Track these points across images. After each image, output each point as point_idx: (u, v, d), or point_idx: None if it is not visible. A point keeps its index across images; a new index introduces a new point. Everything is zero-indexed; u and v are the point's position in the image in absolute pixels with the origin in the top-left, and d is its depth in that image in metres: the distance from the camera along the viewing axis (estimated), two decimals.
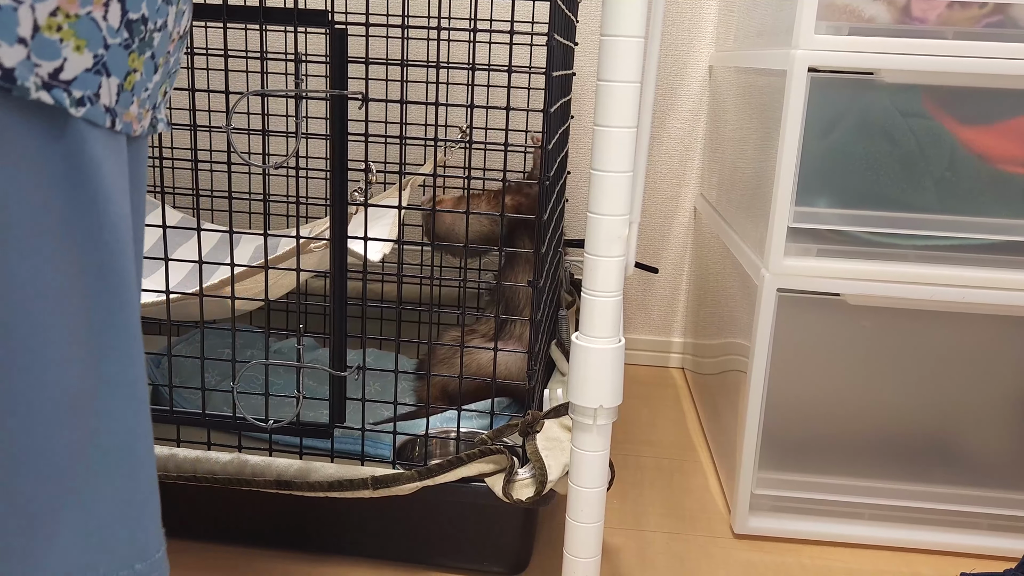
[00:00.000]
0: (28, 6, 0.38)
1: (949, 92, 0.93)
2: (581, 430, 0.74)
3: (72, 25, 0.40)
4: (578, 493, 0.75)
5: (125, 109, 0.46)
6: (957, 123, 0.94)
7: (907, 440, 1.03)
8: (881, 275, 0.96)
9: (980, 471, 1.03)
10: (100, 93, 0.43)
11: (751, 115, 1.14)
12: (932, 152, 0.94)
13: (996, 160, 0.95)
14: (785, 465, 1.05)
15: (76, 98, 0.42)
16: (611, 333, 0.70)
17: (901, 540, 1.04)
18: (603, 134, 0.65)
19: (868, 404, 1.02)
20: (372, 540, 0.96)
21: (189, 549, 0.97)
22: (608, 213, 0.66)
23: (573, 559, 0.76)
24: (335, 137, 0.87)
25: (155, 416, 0.96)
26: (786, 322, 0.99)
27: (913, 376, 1.00)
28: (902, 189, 0.96)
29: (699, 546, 1.02)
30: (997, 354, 0.99)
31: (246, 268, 0.95)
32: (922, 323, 0.99)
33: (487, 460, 0.90)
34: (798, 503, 1.06)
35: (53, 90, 0.40)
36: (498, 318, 0.93)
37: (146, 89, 0.48)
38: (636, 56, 0.63)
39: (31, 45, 0.38)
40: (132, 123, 0.48)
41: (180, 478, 0.91)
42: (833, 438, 1.04)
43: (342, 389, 0.94)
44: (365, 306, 0.93)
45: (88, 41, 0.41)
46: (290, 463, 0.92)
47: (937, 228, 0.96)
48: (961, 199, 0.95)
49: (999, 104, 0.93)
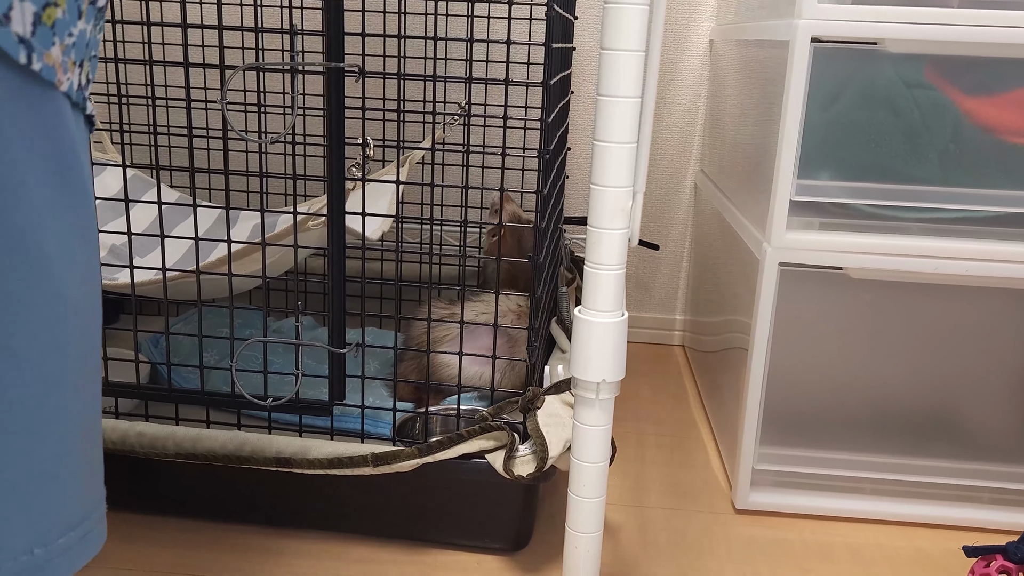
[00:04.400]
0: None
1: (954, 62, 0.92)
2: (583, 405, 0.73)
3: None
4: (580, 468, 0.74)
5: (45, 48, 0.40)
6: (961, 93, 0.93)
7: (908, 414, 1.03)
8: (884, 248, 0.95)
9: (981, 445, 1.02)
10: (11, 16, 0.37)
11: (753, 88, 1.12)
12: (936, 123, 0.93)
13: (1001, 131, 0.93)
14: (786, 440, 1.04)
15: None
16: (614, 307, 0.69)
17: (902, 514, 1.04)
18: (606, 104, 0.64)
19: (870, 378, 1.01)
20: (372, 518, 0.96)
21: (186, 527, 0.97)
22: (611, 185, 0.65)
23: (575, 534, 0.76)
24: (331, 111, 0.86)
25: (154, 395, 0.96)
26: (788, 296, 0.98)
27: (915, 350, 1.00)
28: (905, 161, 0.95)
29: (700, 522, 1.02)
30: (1000, 327, 0.98)
31: (244, 246, 0.94)
32: (925, 296, 0.98)
33: (487, 437, 0.89)
34: (799, 478, 1.06)
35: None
36: (498, 294, 0.92)
37: (70, 34, 0.42)
38: (640, 25, 0.62)
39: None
40: (55, 69, 0.41)
41: (179, 456, 0.91)
42: (834, 413, 1.03)
43: (341, 367, 0.93)
44: (364, 283, 0.92)
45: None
46: (289, 441, 0.91)
47: (940, 200, 0.95)
48: (965, 171, 0.94)
49: (1004, 74, 0.92)
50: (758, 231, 1.01)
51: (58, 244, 0.42)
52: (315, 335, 1.42)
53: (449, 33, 1.21)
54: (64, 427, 0.43)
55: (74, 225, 0.44)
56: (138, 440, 0.91)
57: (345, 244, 0.90)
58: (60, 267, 0.42)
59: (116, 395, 0.99)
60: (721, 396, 1.21)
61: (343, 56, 0.84)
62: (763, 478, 1.06)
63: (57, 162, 0.42)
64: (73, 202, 0.43)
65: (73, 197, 0.43)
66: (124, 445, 0.91)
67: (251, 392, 0.90)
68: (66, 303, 0.42)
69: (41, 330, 0.41)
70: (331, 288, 0.90)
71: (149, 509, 0.99)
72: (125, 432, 0.92)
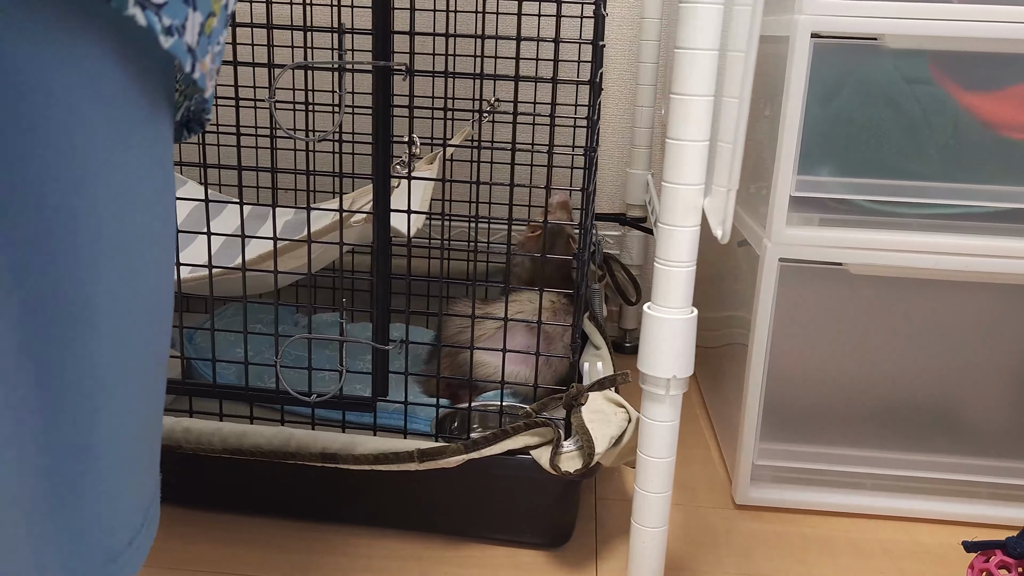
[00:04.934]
0: None
1: (955, 57, 0.92)
2: (652, 400, 0.74)
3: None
4: (647, 463, 0.75)
5: (202, 58, 0.40)
6: (962, 89, 0.92)
7: (909, 410, 1.03)
8: (884, 244, 0.95)
9: (981, 440, 1.03)
10: (186, 26, 0.37)
11: (753, 83, 1.12)
12: (936, 119, 0.93)
13: (1001, 127, 0.93)
14: (786, 436, 1.04)
15: (165, 25, 0.36)
16: (684, 303, 0.70)
17: (902, 509, 1.04)
18: (679, 102, 0.65)
19: (870, 374, 1.02)
20: (411, 513, 0.96)
21: (230, 522, 0.98)
22: (684, 182, 0.66)
23: (642, 528, 0.77)
24: (379, 109, 0.86)
25: (197, 391, 0.97)
26: (788, 292, 0.98)
27: (915, 346, 1.00)
28: (906, 157, 0.94)
29: (700, 517, 1.02)
30: (1000, 323, 0.98)
31: (283, 243, 0.94)
32: (925, 292, 0.98)
33: (532, 433, 0.90)
34: (799, 473, 1.06)
35: (146, 11, 0.34)
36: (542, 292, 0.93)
37: (218, 42, 0.43)
38: (714, 24, 0.63)
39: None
40: (207, 78, 0.42)
41: (226, 451, 0.92)
42: (834, 409, 1.04)
43: (385, 363, 0.94)
44: (410, 281, 0.93)
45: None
46: (335, 437, 0.92)
47: (941, 196, 0.95)
48: (965, 167, 0.94)
49: (1005, 69, 0.92)
50: (758, 227, 1.02)
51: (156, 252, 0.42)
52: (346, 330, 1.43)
53: (498, 31, 1.21)
54: (151, 411, 0.44)
55: (168, 225, 0.44)
56: (184, 436, 0.92)
57: (390, 241, 0.91)
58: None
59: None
60: (722, 391, 1.22)
61: (391, 55, 0.85)
62: (763, 473, 1.06)
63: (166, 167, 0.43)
64: (168, 199, 0.44)
65: (170, 196, 0.44)
66: (170, 440, 0.92)
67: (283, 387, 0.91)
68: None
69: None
70: (376, 285, 0.91)
71: (186, 503, 1.00)
72: (171, 427, 0.92)
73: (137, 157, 0.38)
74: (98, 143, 0.35)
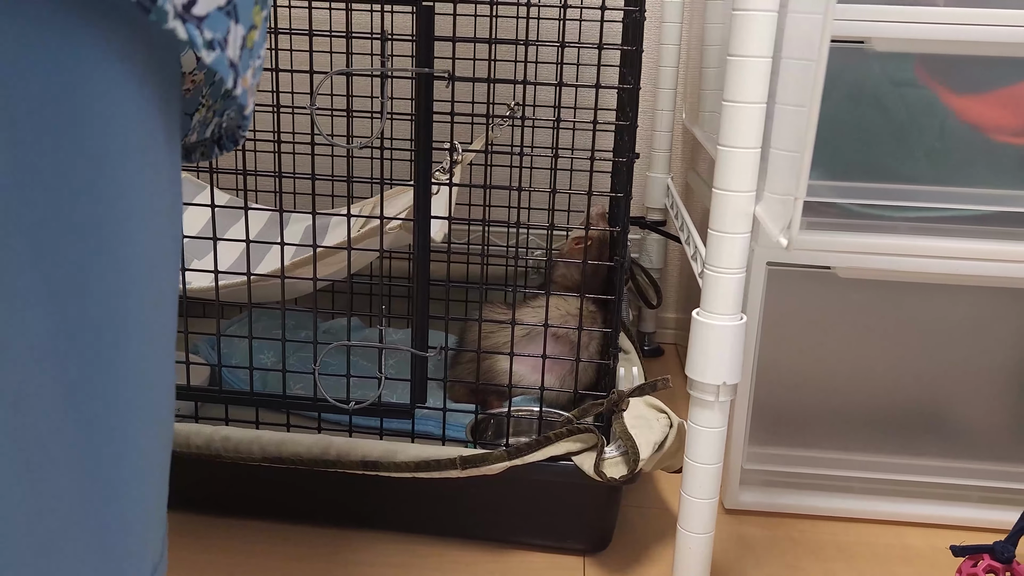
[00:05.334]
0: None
1: (941, 60, 0.92)
2: (700, 407, 0.74)
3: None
4: (695, 469, 0.75)
5: (244, 73, 0.39)
6: (949, 92, 0.92)
7: (898, 413, 1.03)
8: (871, 247, 0.94)
9: (970, 443, 1.03)
10: (228, 40, 0.36)
11: None
12: (924, 122, 0.93)
13: (988, 129, 0.93)
14: (775, 440, 1.04)
15: (207, 40, 0.34)
16: (734, 310, 0.70)
17: (891, 513, 1.04)
18: (732, 109, 0.65)
19: (858, 378, 1.02)
20: (451, 519, 0.96)
21: (273, 530, 0.97)
22: (734, 189, 0.66)
23: (688, 534, 0.77)
24: (420, 116, 0.86)
25: (235, 399, 0.96)
26: (776, 296, 0.98)
27: (904, 349, 1.00)
28: (893, 160, 0.94)
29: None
30: (988, 326, 0.98)
31: (324, 249, 0.94)
32: (913, 295, 0.98)
33: (574, 439, 0.90)
34: (788, 477, 1.05)
35: (187, 24, 0.33)
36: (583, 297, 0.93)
37: (259, 56, 0.41)
38: (769, 31, 0.63)
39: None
40: (248, 94, 0.40)
41: (265, 460, 0.91)
42: (823, 412, 1.04)
43: (424, 369, 0.94)
44: (448, 287, 0.92)
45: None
46: (374, 444, 0.92)
47: (928, 199, 0.95)
48: (952, 170, 0.94)
49: (991, 72, 0.92)
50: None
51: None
52: (364, 335, 1.42)
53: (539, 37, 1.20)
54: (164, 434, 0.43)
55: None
56: (223, 444, 0.91)
57: (430, 247, 0.91)
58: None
59: (195, 399, 0.99)
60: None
61: (433, 61, 0.84)
62: (752, 477, 1.05)
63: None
64: (177, 217, 0.43)
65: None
66: (209, 450, 0.91)
67: (310, 392, 0.91)
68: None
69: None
70: (416, 291, 0.91)
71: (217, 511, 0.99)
72: (210, 437, 0.92)
73: (156, 173, 0.37)
74: (128, 158, 0.35)
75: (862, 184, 0.95)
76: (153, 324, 0.38)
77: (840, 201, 0.96)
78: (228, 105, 0.49)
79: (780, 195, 0.66)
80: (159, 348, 0.39)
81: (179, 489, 0.74)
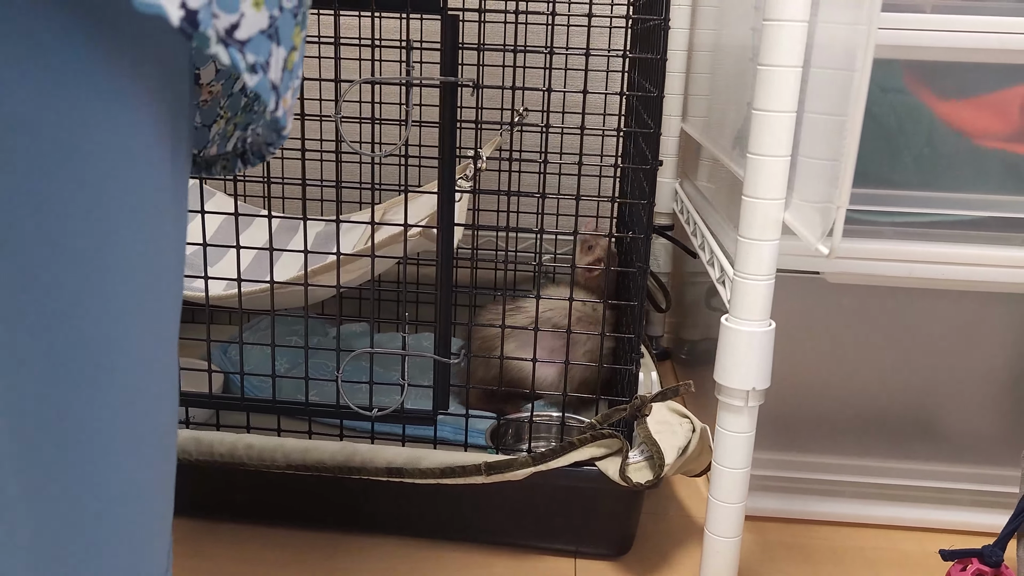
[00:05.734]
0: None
1: (928, 66, 0.92)
2: (729, 412, 0.74)
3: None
4: (723, 473, 0.76)
5: (284, 94, 0.39)
6: (936, 98, 0.93)
7: (888, 418, 1.03)
8: (860, 253, 0.94)
9: (961, 447, 1.03)
10: (270, 63, 0.36)
11: None
12: (911, 127, 0.93)
13: (975, 135, 0.94)
14: (766, 445, 1.04)
15: (250, 63, 0.34)
16: (763, 316, 0.71)
17: (883, 517, 1.04)
18: (762, 118, 0.66)
19: (849, 382, 1.02)
20: (476, 524, 0.96)
21: (286, 536, 0.97)
22: (764, 197, 0.67)
23: (716, 538, 0.77)
24: (445, 124, 0.86)
25: (256, 407, 0.96)
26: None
27: (894, 354, 1.01)
28: (881, 166, 0.95)
29: (682, 525, 1.03)
30: (977, 330, 0.99)
31: (347, 255, 0.94)
32: (903, 300, 0.99)
33: (598, 444, 0.90)
34: (780, 482, 1.06)
35: (230, 48, 0.33)
36: (606, 302, 0.93)
37: (298, 76, 0.41)
38: (800, 41, 0.64)
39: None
40: (287, 115, 0.41)
41: (290, 467, 0.91)
42: (814, 417, 1.04)
43: (446, 376, 0.94)
44: (474, 292, 0.93)
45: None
46: (398, 451, 0.92)
47: (916, 204, 0.95)
48: (940, 175, 0.95)
49: (978, 78, 0.92)
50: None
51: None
52: (376, 341, 1.42)
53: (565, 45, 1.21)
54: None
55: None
56: (247, 452, 0.91)
57: (453, 254, 0.91)
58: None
59: (216, 407, 0.98)
60: (704, 401, 1.21)
61: (458, 69, 0.85)
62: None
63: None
64: (181, 236, 0.43)
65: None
66: (233, 458, 0.91)
67: (326, 399, 0.91)
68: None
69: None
70: (440, 298, 0.91)
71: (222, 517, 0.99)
72: (233, 444, 0.92)
73: (158, 191, 0.37)
74: (128, 179, 0.34)
75: (852, 190, 0.95)
76: (149, 342, 0.38)
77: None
78: (252, 120, 0.49)
79: (815, 202, 0.67)
80: (157, 365, 0.39)
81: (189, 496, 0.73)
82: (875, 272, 0.94)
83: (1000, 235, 0.95)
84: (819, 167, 0.66)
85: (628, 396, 0.96)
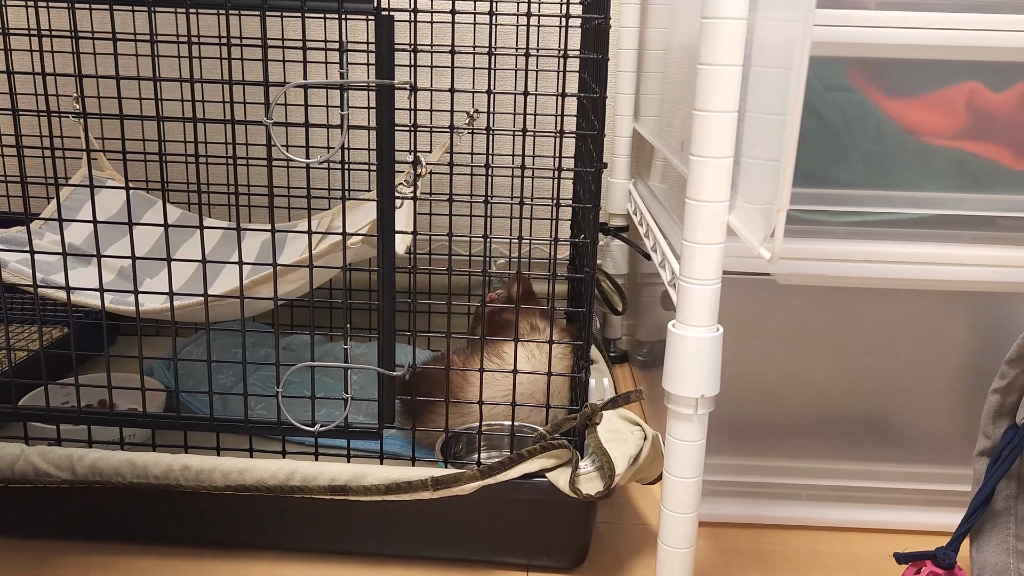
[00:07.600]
0: None
1: (873, 64, 0.91)
2: (679, 420, 0.72)
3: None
4: (674, 483, 0.74)
5: None
6: (883, 96, 0.92)
7: (842, 419, 1.02)
8: (809, 253, 0.93)
9: (915, 447, 1.03)
10: None
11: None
12: (858, 126, 0.92)
13: (922, 132, 0.93)
14: (720, 449, 1.02)
15: None
16: (710, 321, 0.69)
17: (838, 519, 1.03)
18: (703, 119, 0.64)
19: (802, 384, 1.01)
20: (422, 540, 0.93)
21: (224, 560, 0.94)
22: (707, 199, 0.65)
23: (669, 549, 0.75)
24: (382, 128, 0.83)
25: (192, 425, 0.93)
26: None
27: (846, 354, 1.00)
28: (829, 165, 0.93)
29: (637, 534, 1.01)
30: (929, 329, 0.98)
31: (285, 266, 0.91)
32: (854, 300, 0.98)
33: (548, 455, 0.88)
34: (733, 487, 1.04)
35: None
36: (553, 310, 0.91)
37: None
38: (737, 38, 0.62)
39: None
40: None
41: (228, 488, 0.88)
42: (768, 420, 1.03)
43: (391, 389, 0.91)
44: (414, 302, 0.90)
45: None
46: (342, 467, 0.89)
47: (864, 204, 0.94)
48: (888, 173, 0.93)
49: (924, 75, 0.91)
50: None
51: None
52: (325, 350, 1.39)
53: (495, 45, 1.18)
54: None
55: None
56: (183, 473, 0.88)
57: (395, 263, 0.88)
58: None
59: (152, 427, 0.95)
60: (659, 407, 1.20)
61: (394, 72, 0.82)
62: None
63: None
64: None
65: None
66: (169, 479, 0.88)
67: (265, 415, 0.88)
68: None
69: None
70: (382, 308, 0.88)
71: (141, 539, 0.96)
72: (169, 466, 0.88)
73: None
74: None
75: (799, 189, 0.92)
76: None
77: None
78: None
79: (759, 204, 0.65)
80: None
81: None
82: (825, 273, 0.93)
83: (950, 233, 0.94)
84: (763, 168, 0.65)
85: (579, 404, 0.93)
